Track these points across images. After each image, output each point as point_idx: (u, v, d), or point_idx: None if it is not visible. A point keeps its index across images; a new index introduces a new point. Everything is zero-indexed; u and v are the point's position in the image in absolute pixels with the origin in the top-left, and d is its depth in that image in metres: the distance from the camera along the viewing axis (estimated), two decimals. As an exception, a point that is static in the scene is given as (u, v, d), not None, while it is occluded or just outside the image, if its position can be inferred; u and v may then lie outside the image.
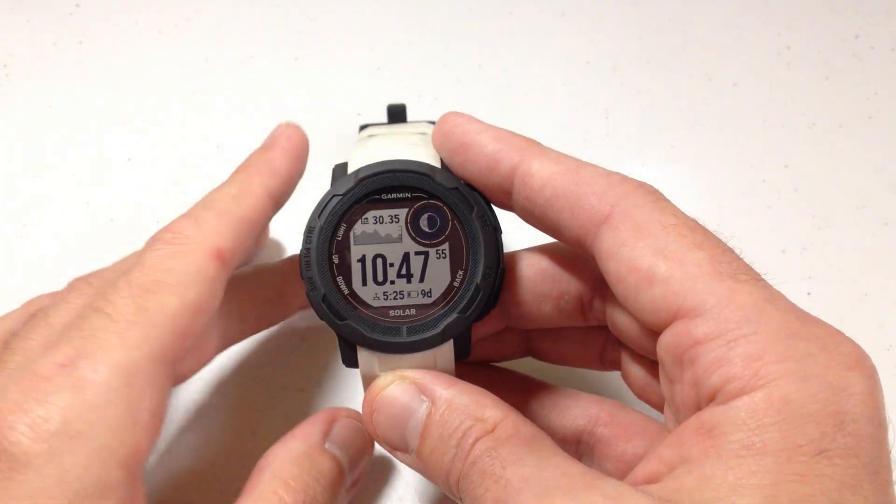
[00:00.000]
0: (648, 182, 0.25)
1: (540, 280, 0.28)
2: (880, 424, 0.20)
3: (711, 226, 0.24)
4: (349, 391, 0.36)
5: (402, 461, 0.26)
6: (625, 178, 0.24)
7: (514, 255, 0.29)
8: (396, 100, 0.42)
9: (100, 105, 0.45)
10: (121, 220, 0.41)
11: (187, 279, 0.25)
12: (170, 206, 0.41)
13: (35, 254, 0.40)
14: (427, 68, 0.46)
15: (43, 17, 0.48)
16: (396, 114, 0.37)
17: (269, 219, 0.30)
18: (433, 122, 0.39)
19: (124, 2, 0.49)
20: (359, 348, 0.26)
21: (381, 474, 0.34)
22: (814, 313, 0.22)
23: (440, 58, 0.47)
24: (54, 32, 0.48)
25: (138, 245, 0.40)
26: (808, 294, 0.39)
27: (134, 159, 0.43)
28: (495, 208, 0.27)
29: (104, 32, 0.48)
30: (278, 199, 0.31)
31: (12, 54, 0.47)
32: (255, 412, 0.35)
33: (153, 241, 0.27)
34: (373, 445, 0.31)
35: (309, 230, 0.26)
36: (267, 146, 0.32)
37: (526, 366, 0.32)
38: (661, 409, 0.27)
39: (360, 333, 0.26)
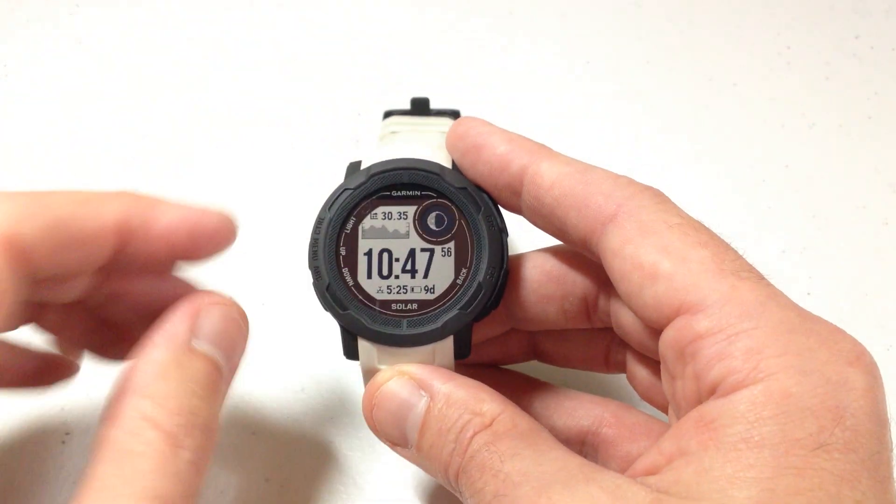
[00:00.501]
0: (649, 182, 0.25)
1: (545, 281, 0.28)
2: (880, 420, 0.20)
3: (712, 226, 0.24)
4: (349, 391, 0.36)
5: (401, 456, 0.26)
6: (631, 181, 0.25)
7: (519, 256, 0.29)
8: (396, 100, 0.42)
9: (100, 105, 0.45)
10: (121, 220, 0.41)
11: None
12: (170, 206, 0.41)
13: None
14: (428, 68, 0.46)
15: (43, 17, 0.48)
16: (419, 106, 0.38)
17: (103, 255, 0.24)
18: (456, 118, 0.40)
19: (124, 2, 0.49)
20: (359, 340, 0.27)
21: (381, 473, 0.34)
22: (814, 313, 0.22)
23: (441, 58, 0.47)
24: (54, 32, 0.48)
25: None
26: (808, 294, 0.39)
27: (134, 159, 0.43)
28: (503, 212, 0.28)
29: (104, 32, 0.48)
30: (127, 251, 0.24)
31: (12, 54, 0.47)
32: (254, 412, 0.35)
33: None
34: (247, 327, 0.26)
35: (319, 221, 0.27)
36: (174, 199, 0.25)
37: (530, 368, 0.32)
38: (665, 410, 0.27)
39: (361, 324, 0.26)
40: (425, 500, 0.33)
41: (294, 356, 0.37)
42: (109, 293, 0.27)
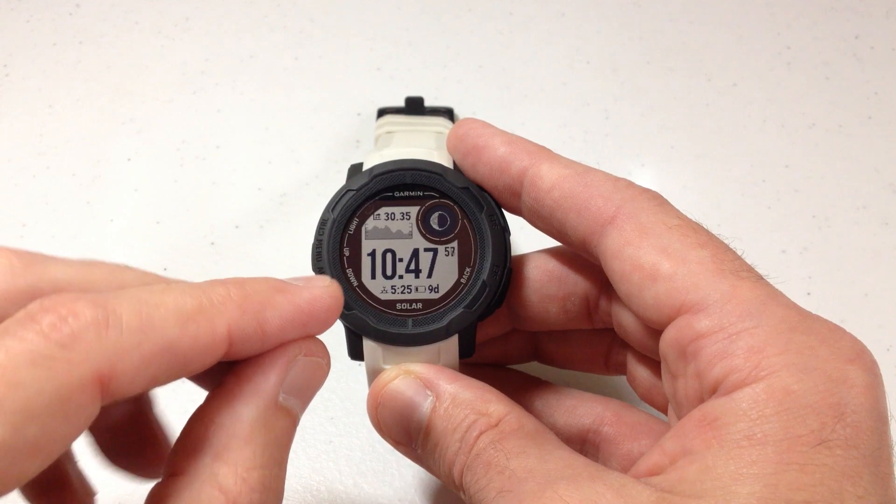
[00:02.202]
0: (648, 182, 0.25)
1: (546, 281, 0.28)
2: (880, 417, 0.20)
3: (712, 226, 0.24)
4: (350, 391, 0.36)
5: (405, 455, 0.27)
6: (631, 184, 0.25)
7: (521, 257, 0.29)
8: (396, 100, 0.42)
9: (100, 105, 0.45)
10: (121, 220, 0.41)
11: (37, 406, 0.16)
12: (170, 206, 0.41)
13: (35, 254, 0.40)
14: (427, 68, 0.46)
15: (43, 17, 0.48)
16: (414, 105, 0.39)
17: (208, 365, 0.21)
18: (451, 118, 0.40)
19: (124, 2, 0.49)
20: (364, 340, 0.27)
21: (381, 473, 0.34)
22: (814, 313, 0.22)
23: (440, 58, 0.47)
24: (54, 32, 0.48)
25: (137, 245, 0.40)
26: (808, 294, 0.39)
27: (134, 159, 0.43)
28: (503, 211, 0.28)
29: (104, 32, 0.48)
30: (240, 352, 0.21)
31: (12, 54, 0.47)
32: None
33: (28, 320, 0.17)
34: (328, 370, 0.24)
35: (322, 222, 0.27)
36: (281, 284, 0.22)
37: (530, 369, 0.32)
38: (665, 411, 0.27)
39: (366, 324, 0.26)
40: (426, 500, 0.33)
41: (294, 356, 0.37)
42: None
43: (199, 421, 0.20)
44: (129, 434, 0.25)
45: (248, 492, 0.19)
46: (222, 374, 0.21)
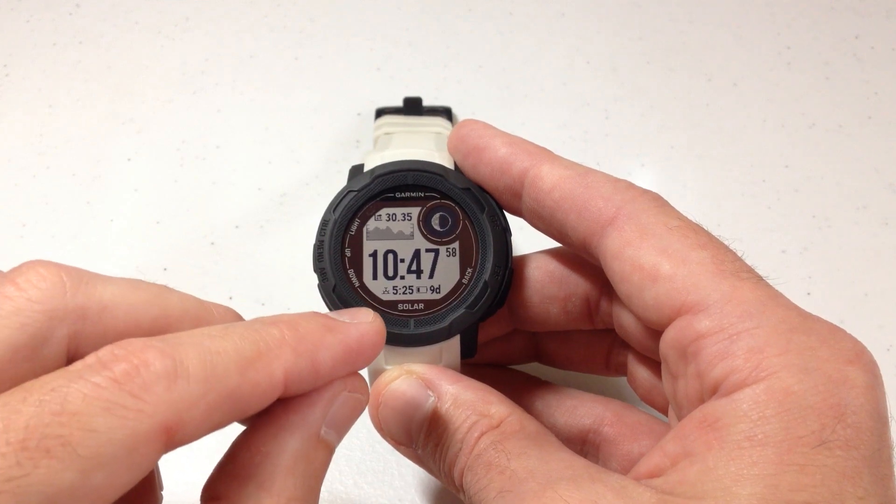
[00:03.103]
0: (648, 182, 0.25)
1: (547, 282, 0.28)
2: (880, 418, 0.20)
3: (712, 226, 0.24)
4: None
5: (405, 455, 0.27)
6: (631, 185, 0.25)
7: (522, 257, 0.29)
8: (396, 100, 0.42)
9: (100, 105, 0.45)
10: (121, 220, 0.41)
11: (107, 453, 0.16)
12: (170, 206, 0.41)
13: (35, 254, 0.40)
14: (427, 68, 0.46)
15: (43, 17, 0.48)
16: (412, 105, 0.39)
17: (263, 407, 0.21)
18: (449, 117, 0.40)
19: (124, 2, 0.49)
20: None
21: (381, 473, 0.34)
22: (814, 313, 0.22)
23: (440, 58, 0.47)
24: (54, 32, 0.48)
25: (137, 245, 0.40)
26: (808, 294, 0.39)
27: (134, 159, 0.43)
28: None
29: (104, 32, 0.48)
30: (293, 392, 0.21)
31: (12, 54, 0.47)
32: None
33: (101, 367, 0.17)
34: (364, 408, 0.24)
35: (323, 223, 0.27)
36: (330, 321, 0.22)
37: (530, 369, 0.32)
38: (665, 412, 0.27)
39: None
40: (426, 500, 0.33)
41: (294, 356, 0.37)
42: None
43: (244, 448, 0.20)
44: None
45: None
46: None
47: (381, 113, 0.41)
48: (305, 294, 0.38)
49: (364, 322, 0.22)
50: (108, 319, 0.20)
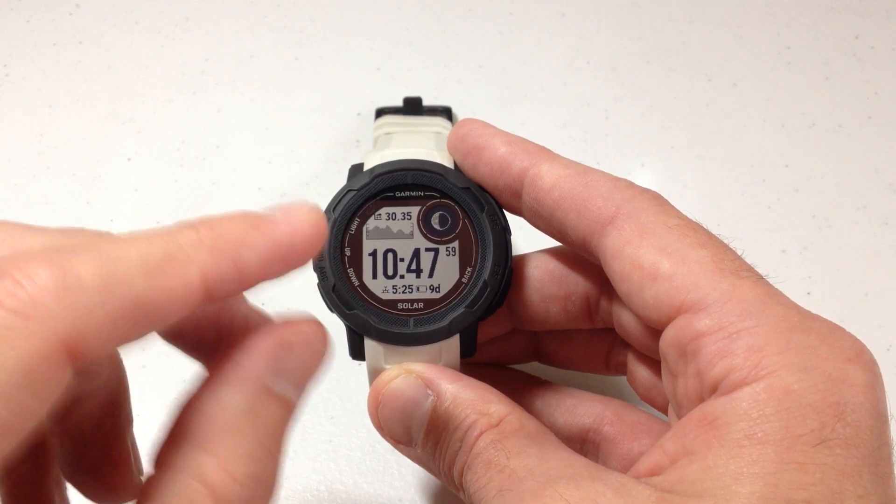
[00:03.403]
0: (648, 182, 0.25)
1: (547, 281, 0.28)
2: (880, 416, 0.20)
3: (712, 226, 0.24)
4: (351, 390, 0.36)
5: (405, 454, 0.27)
6: (630, 184, 0.25)
7: (522, 257, 0.29)
8: (396, 100, 0.42)
9: (100, 105, 0.45)
10: (121, 220, 0.41)
11: (1, 382, 0.15)
12: (170, 206, 0.41)
13: (35, 253, 0.40)
14: (427, 68, 0.46)
15: (43, 17, 0.48)
16: (412, 105, 0.39)
17: (184, 314, 0.19)
18: (449, 117, 0.40)
19: (124, 2, 0.49)
20: (366, 340, 0.27)
21: (381, 473, 0.34)
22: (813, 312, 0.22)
23: (440, 58, 0.47)
24: (54, 32, 0.48)
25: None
26: (808, 294, 0.39)
27: (134, 159, 0.43)
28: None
29: (104, 32, 0.48)
30: (217, 297, 0.19)
31: (12, 54, 0.47)
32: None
33: None
34: (328, 351, 0.21)
35: None
36: (256, 219, 0.19)
37: (530, 369, 0.32)
38: (665, 411, 0.27)
39: (367, 323, 0.26)
40: (426, 500, 0.33)
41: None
42: None
43: (186, 409, 0.19)
44: (95, 448, 0.23)
45: (232, 483, 0.18)
46: (215, 347, 0.20)
47: (381, 113, 0.41)
48: (305, 294, 0.38)
49: (297, 217, 0.19)
50: None
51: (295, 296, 0.38)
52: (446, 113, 0.41)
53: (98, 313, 0.16)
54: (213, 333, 0.22)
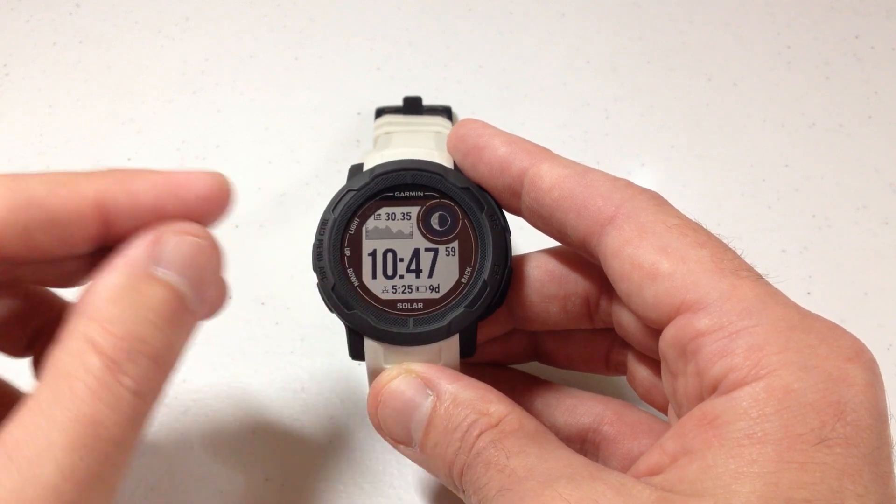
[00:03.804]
0: (648, 182, 0.25)
1: (547, 281, 0.28)
2: (880, 416, 0.20)
3: (712, 226, 0.24)
4: (350, 390, 0.36)
5: (404, 454, 0.27)
6: (630, 184, 0.25)
7: (521, 257, 0.29)
8: (396, 100, 0.42)
9: (100, 105, 0.45)
10: (121, 219, 0.41)
11: None
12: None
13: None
14: (427, 68, 0.46)
15: (43, 17, 0.48)
16: (412, 104, 0.39)
17: (86, 231, 0.23)
18: (449, 117, 0.40)
19: (124, 2, 0.49)
20: (365, 340, 0.27)
21: (381, 473, 0.34)
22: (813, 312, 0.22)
23: (440, 58, 0.47)
24: (54, 32, 0.48)
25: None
26: (808, 294, 0.39)
27: (134, 159, 0.43)
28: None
29: (104, 32, 0.48)
30: (115, 227, 0.23)
31: (12, 54, 0.47)
32: (254, 411, 0.35)
33: None
34: (219, 258, 0.25)
35: (323, 223, 0.27)
36: (165, 175, 0.24)
37: (530, 369, 0.32)
38: (665, 411, 0.27)
39: (367, 323, 0.26)
40: (426, 500, 0.33)
41: (294, 356, 0.37)
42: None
43: (81, 292, 0.22)
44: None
45: (110, 337, 0.21)
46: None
47: (381, 112, 0.41)
48: (305, 293, 0.38)
49: (198, 172, 0.23)
50: None
51: (295, 296, 0.38)
52: (446, 112, 0.41)
53: (2, 202, 0.21)
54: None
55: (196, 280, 0.23)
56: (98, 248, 0.23)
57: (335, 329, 0.37)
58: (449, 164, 0.28)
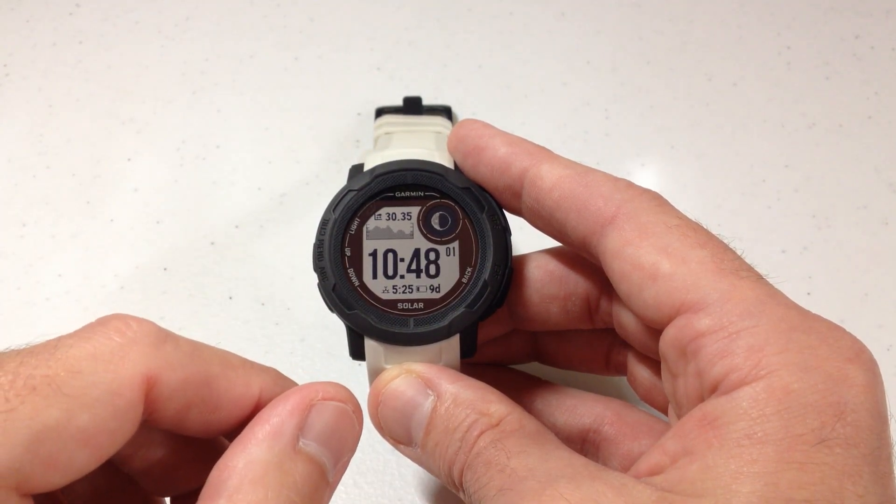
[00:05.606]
0: (648, 182, 0.25)
1: (547, 281, 0.28)
2: (880, 416, 0.20)
3: (712, 226, 0.24)
4: (351, 390, 0.36)
5: (405, 454, 0.27)
6: (630, 184, 0.25)
7: (521, 257, 0.29)
8: (396, 100, 0.42)
9: (100, 105, 0.45)
10: (121, 220, 0.41)
11: (91, 395, 0.18)
12: (170, 206, 0.41)
13: (34, 255, 0.40)
14: (427, 68, 0.46)
15: (43, 17, 0.48)
16: (412, 104, 0.39)
17: (234, 417, 0.21)
18: (449, 116, 0.40)
19: (124, 2, 0.49)
20: (366, 340, 0.27)
21: (381, 473, 0.34)
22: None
23: (440, 58, 0.47)
24: (54, 32, 0.48)
25: (138, 245, 0.40)
26: (808, 294, 0.39)
27: (134, 159, 0.43)
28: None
29: (104, 32, 0.48)
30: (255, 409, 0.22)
31: (12, 54, 0.47)
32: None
33: (99, 325, 0.19)
34: (360, 429, 0.24)
35: (323, 223, 0.27)
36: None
37: (530, 369, 0.32)
38: (665, 411, 0.27)
39: (367, 323, 0.26)
40: (426, 500, 0.33)
41: (294, 356, 0.37)
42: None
43: (217, 468, 0.20)
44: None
45: None
46: None
47: (381, 112, 0.41)
48: (305, 294, 0.38)
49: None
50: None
51: (295, 296, 0.38)
52: (446, 112, 0.41)
53: (179, 371, 0.20)
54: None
55: (339, 451, 0.22)
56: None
57: (335, 329, 0.37)
58: (449, 164, 0.28)
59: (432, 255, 0.27)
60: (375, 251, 0.27)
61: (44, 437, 0.17)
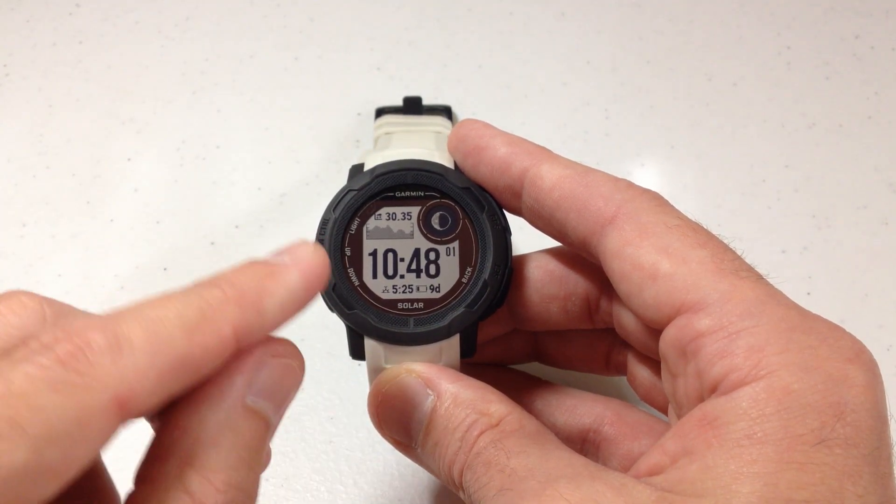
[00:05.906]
0: (648, 182, 0.25)
1: (547, 281, 0.28)
2: (880, 416, 0.20)
3: (712, 226, 0.24)
4: (351, 390, 0.36)
5: (405, 454, 0.27)
6: (631, 184, 0.25)
7: (521, 257, 0.29)
8: (396, 100, 0.42)
9: (100, 105, 0.45)
10: (121, 220, 0.41)
11: (57, 430, 0.17)
12: (170, 206, 0.41)
13: (34, 255, 0.40)
14: (427, 68, 0.46)
15: (43, 17, 0.48)
16: (412, 104, 0.39)
17: (218, 365, 0.21)
18: (449, 116, 0.40)
19: (124, 2, 0.49)
20: (366, 339, 0.27)
21: (381, 473, 0.34)
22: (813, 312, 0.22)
23: (440, 58, 0.47)
24: (54, 32, 0.48)
25: (138, 245, 0.40)
26: (808, 294, 0.39)
27: (134, 159, 0.43)
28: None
29: (104, 32, 0.48)
30: (245, 344, 0.21)
31: (12, 54, 0.47)
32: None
33: (43, 349, 0.17)
34: (303, 374, 0.23)
35: (323, 222, 0.27)
36: (268, 267, 0.21)
37: (530, 369, 0.32)
38: (666, 411, 0.27)
39: (367, 323, 0.26)
40: (426, 500, 0.33)
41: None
42: None
43: (168, 427, 0.20)
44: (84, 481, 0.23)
45: (214, 493, 0.19)
46: None
47: (381, 112, 0.41)
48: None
49: (304, 259, 0.21)
50: None
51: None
52: (446, 112, 0.41)
53: (149, 374, 0.18)
54: None
55: (281, 403, 0.22)
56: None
57: (335, 329, 0.37)
58: (449, 164, 0.28)
59: (432, 255, 0.27)
60: (375, 251, 0.27)
61: (14, 480, 0.16)
